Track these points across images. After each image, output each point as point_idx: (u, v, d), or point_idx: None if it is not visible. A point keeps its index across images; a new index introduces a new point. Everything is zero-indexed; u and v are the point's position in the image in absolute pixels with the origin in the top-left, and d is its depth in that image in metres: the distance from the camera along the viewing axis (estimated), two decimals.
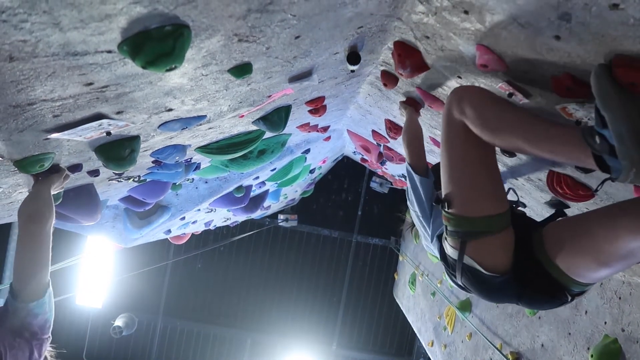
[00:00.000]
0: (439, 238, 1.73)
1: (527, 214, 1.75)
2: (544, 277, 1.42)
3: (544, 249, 1.40)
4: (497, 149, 1.73)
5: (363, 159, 6.56)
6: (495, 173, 1.50)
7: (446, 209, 1.51)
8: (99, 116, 1.41)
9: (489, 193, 1.46)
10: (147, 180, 3.12)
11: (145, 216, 4.17)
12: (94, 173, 2.30)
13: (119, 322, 8.24)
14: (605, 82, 0.98)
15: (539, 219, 1.83)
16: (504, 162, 2.27)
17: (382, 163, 4.99)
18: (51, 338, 1.68)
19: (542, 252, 1.41)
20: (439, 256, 1.77)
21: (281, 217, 8.92)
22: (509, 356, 3.49)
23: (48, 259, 1.66)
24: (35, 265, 1.63)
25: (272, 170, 4.54)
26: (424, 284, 6.45)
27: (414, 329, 6.69)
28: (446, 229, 1.53)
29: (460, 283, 1.60)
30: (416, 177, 1.99)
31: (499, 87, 1.45)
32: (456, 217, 1.48)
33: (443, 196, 1.54)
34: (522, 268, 1.45)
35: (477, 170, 1.46)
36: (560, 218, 1.58)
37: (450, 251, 1.54)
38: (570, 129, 1.20)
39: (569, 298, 1.49)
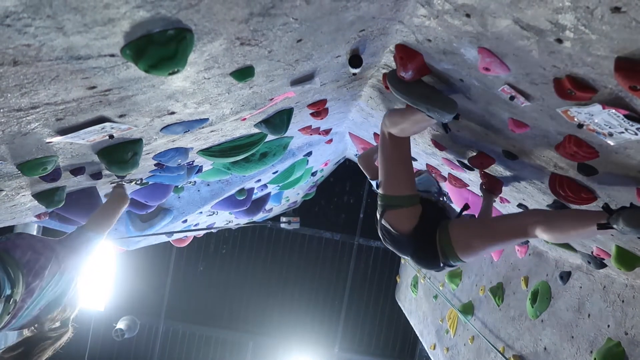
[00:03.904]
0: None
1: (445, 210, 2.42)
2: (431, 247, 2.18)
3: (448, 233, 2.15)
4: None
5: None
6: (408, 169, 2.33)
7: (377, 190, 2.39)
8: (101, 119, 1.41)
9: (402, 181, 2.27)
10: (150, 183, 3.12)
11: (147, 219, 4.17)
12: (97, 176, 2.31)
13: (121, 324, 8.24)
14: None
15: None
16: (506, 165, 2.27)
17: None
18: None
19: (445, 234, 2.15)
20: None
21: (283, 219, 8.91)
22: (512, 359, 3.47)
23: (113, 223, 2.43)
24: (110, 219, 2.38)
25: (274, 173, 4.55)
26: (426, 287, 6.43)
27: (416, 332, 6.67)
28: (378, 203, 2.36)
29: (381, 237, 2.41)
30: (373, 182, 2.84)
31: (500, 90, 1.45)
32: (381, 195, 2.32)
33: (378, 182, 2.39)
34: (421, 236, 2.20)
35: (396, 166, 2.29)
36: (464, 213, 2.46)
37: (377, 217, 2.36)
38: None
39: (442, 266, 2.25)
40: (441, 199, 2.63)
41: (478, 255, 2.24)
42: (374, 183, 2.84)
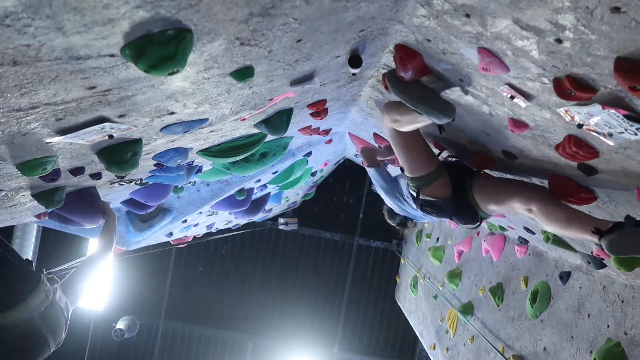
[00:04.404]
0: (409, 193, 2.72)
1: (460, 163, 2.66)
2: (467, 206, 2.40)
3: (472, 192, 2.37)
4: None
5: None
6: (423, 149, 2.48)
7: (406, 175, 2.59)
8: (101, 119, 1.41)
9: (423, 162, 2.46)
10: (149, 183, 3.12)
11: (147, 219, 4.18)
12: (96, 176, 2.31)
13: (120, 325, 8.23)
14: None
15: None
16: (506, 165, 2.28)
17: (384, 165, 4.99)
18: None
19: (470, 193, 2.37)
20: (413, 204, 2.71)
21: (281, 220, 8.92)
22: (511, 359, 3.48)
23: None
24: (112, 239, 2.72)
25: (273, 173, 4.55)
26: (425, 287, 6.44)
27: (416, 332, 6.68)
28: (409, 185, 2.61)
29: (421, 209, 2.64)
30: (374, 170, 3.04)
31: (500, 90, 1.45)
32: (410, 178, 2.55)
33: (402, 170, 2.64)
34: (459, 198, 2.41)
35: (413, 152, 2.46)
36: (483, 173, 2.55)
37: (414, 194, 2.60)
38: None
39: (479, 221, 2.48)
40: (450, 158, 2.84)
41: (498, 212, 2.45)
42: (371, 170, 3.09)
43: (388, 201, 3.04)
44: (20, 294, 1.78)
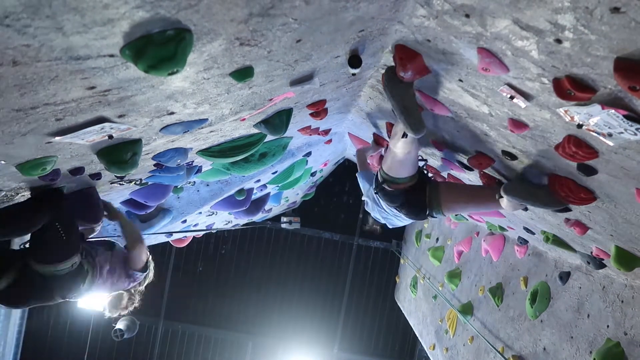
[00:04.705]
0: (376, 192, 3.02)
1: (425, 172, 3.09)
2: (421, 200, 2.80)
3: (438, 193, 2.78)
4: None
5: None
6: (414, 160, 2.74)
7: (383, 170, 2.84)
8: (101, 120, 1.41)
9: (407, 170, 2.73)
10: (149, 183, 3.12)
11: (146, 219, 4.17)
12: (96, 176, 2.31)
13: (120, 325, 8.22)
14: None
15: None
16: (506, 166, 2.28)
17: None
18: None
19: (436, 193, 2.78)
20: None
21: (284, 219, 8.91)
22: (511, 359, 3.48)
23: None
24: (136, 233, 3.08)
25: (273, 173, 4.55)
26: (425, 287, 6.44)
27: (416, 332, 6.68)
28: (377, 175, 2.92)
29: (375, 193, 3.00)
30: (361, 173, 3.45)
31: (500, 90, 1.46)
32: (388, 175, 2.79)
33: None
34: (414, 192, 2.79)
35: (405, 161, 2.68)
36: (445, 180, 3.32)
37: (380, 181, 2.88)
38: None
39: (427, 215, 2.89)
40: (424, 167, 3.24)
41: (457, 209, 3.03)
42: (359, 175, 3.41)
43: (366, 202, 3.36)
44: (57, 258, 2.46)
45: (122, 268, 2.96)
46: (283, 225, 8.84)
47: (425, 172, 3.17)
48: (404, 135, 2.39)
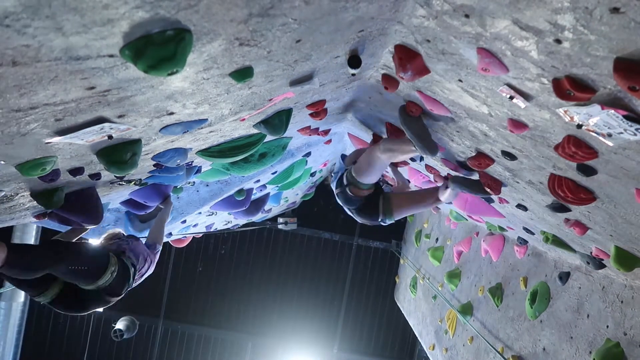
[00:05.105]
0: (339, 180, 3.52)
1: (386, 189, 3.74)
2: (374, 206, 3.41)
3: (390, 200, 3.42)
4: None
5: None
6: (380, 171, 3.30)
7: (353, 173, 3.35)
8: (100, 120, 1.41)
9: (373, 178, 3.30)
10: (149, 183, 3.12)
11: (146, 219, 4.17)
12: (96, 176, 2.31)
13: (119, 325, 8.23)
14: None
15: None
16: (505, 166, 2.28)
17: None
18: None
19: (388, 200, 3.42)
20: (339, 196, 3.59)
21: (280, 220, 8.91)
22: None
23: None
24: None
25: (273, 173, 4.55)
26: (425, 288, 6.44)
27: (415, 333, 6.68)
28: (345, 176, 3.41)
29: (337, 193, 3.53)
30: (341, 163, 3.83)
31: (499, 90, 1.46)
32: (356, 177, 3.31)
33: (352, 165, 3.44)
34: (368, 199, 3.37)
35: (374, 170, 3.24)
36: (393, 191, 3.85)
37: (343, 185, 3.42)
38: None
39: (380, 223, 3.54)
40: (383, 184, 3.90)
41: (405, 214, 3.59)
42: (341, 168, 3.75)
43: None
44: (93, 279, 2.70)
45: (146, 249, 3.45)
46: (279, 226, 8.84)
47: (381, 184, 3.76)
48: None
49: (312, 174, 6.29)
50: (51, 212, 2.74)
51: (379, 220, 3.44)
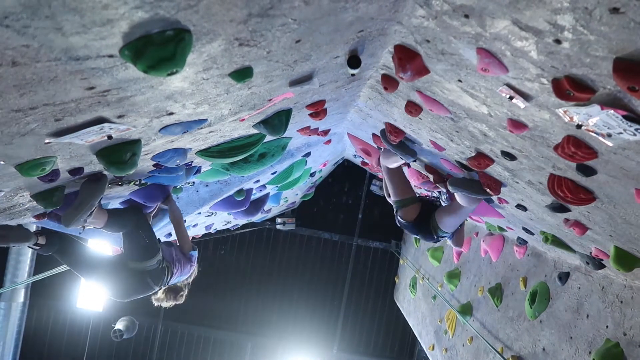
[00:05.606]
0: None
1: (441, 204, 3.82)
2: (426, 228, 3.60)
3: (434, 217, 3.54)
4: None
5: (363, 162, 6.56)
6: (404, 183, 3.74)
7: (391, 198, 3.81)
8: (100, 120, 1.41)
9: (401, 190, 3.69)
10: (148, 183, 3.12)
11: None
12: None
13: (119, 325, 8.22)
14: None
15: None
16: (504, 166, 2.28)
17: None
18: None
19: (433, 219, 3.54)
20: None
21: (279, 220, 8.91)
22: None
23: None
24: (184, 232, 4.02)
25: (272, 173, 4.55)
26: (424, 288, 6.44)
27: (415, 333, 6.68)
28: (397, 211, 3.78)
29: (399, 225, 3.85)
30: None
31: (499, 90, 1.46)
32: (393, 201, 3.74)
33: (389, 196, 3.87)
34: (420, 223, 3.62)
35: (396, 182, 3.72)
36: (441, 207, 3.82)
37: (395, 212, 3.82)
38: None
39: (437, 238, 3.67)
40: (436, 201, 3.99)
41: (452, 227, 3.61)
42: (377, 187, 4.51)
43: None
44: (145, 256, 3.31)
45: (182, 255, 3.83)
46: (278, 227, 8.84)
47: (436, 203, 3.90)
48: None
49: (312, 174, 6.29)
50: (51, 212, 2.74)
51: (436, 239, 3.65)
